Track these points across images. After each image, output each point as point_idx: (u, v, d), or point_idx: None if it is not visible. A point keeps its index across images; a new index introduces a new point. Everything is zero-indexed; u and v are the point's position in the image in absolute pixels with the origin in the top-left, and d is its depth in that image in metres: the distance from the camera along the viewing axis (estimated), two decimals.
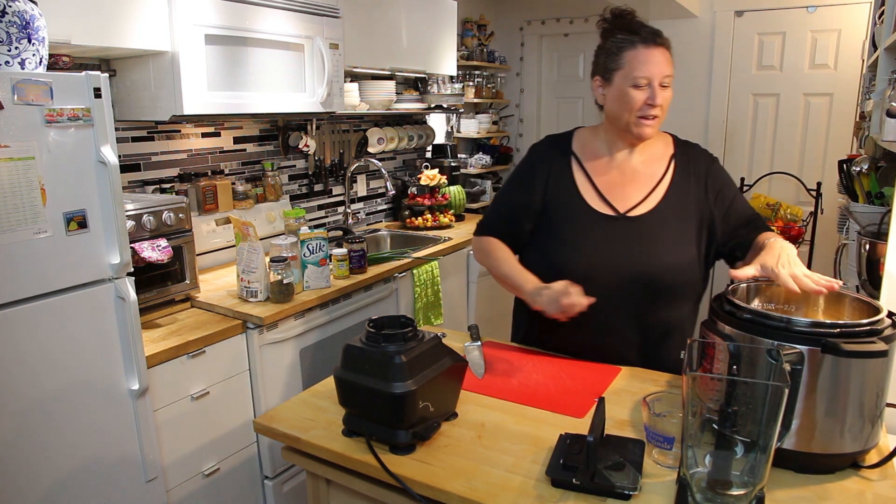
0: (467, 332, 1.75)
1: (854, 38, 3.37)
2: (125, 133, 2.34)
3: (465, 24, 4.16)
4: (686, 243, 1.53)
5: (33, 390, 1.51)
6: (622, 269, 1.51)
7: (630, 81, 1.47)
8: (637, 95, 1.47)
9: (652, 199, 1.55)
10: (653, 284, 1.50)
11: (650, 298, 1.52)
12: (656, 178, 1.57)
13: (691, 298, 1.59)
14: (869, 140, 2.42)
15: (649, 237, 1.52)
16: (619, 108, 1.51)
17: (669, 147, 1.62)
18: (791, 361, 1.01)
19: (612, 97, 1.52)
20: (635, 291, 1.51)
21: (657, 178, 1.57)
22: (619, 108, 1.51)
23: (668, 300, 1.53)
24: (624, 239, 1.53)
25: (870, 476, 1.07)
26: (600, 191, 1.58)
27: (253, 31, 2.25)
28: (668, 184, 1.56)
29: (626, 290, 1.51)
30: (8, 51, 1.45)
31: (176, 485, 1.92)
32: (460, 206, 3.69)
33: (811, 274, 1.19)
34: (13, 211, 1.42)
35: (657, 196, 1.55)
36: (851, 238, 2.12)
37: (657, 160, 1.59)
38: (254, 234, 2.11)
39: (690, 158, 1.60)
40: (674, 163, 1.58)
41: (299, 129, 3.01)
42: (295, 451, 1.28)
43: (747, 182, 3.69)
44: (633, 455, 1.09)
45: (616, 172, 1.59)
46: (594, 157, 1.61)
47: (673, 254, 1.51)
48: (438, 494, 1.07)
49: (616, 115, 1.53)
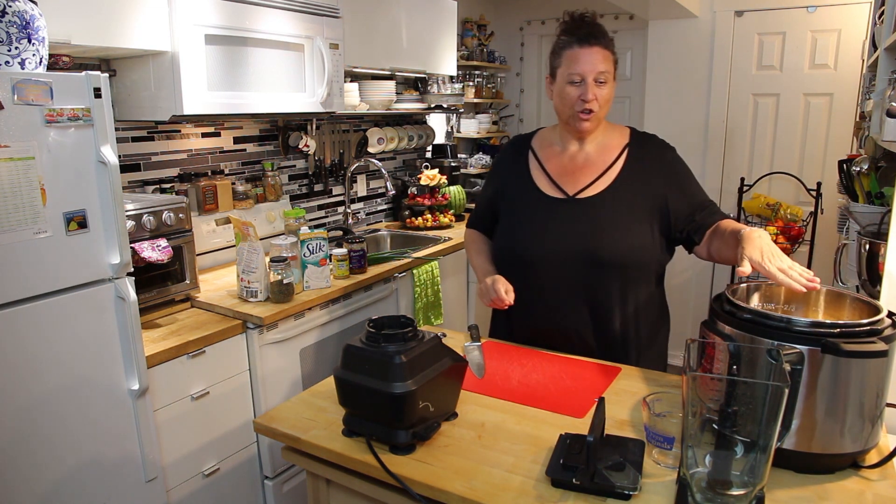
0: (467, 332, 1.75)
1: (854, 38, 3.37)
2: (125, 133, 2.34)
3: (465, 24, 4.16)
4: (635, 224, 1.58)
5: (33, 390, 1.51)
6: (570, 247, 1.58)
7: (566, 79, 1.57)
8: (572, 92, 1.57)
9: (601, 182, 1.62)
10: (599, 262, 1.56)
11: (598, 277, 1.58)
12: (607, 165, 1.64)
13: (646, 280, 1.64)
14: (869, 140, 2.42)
15: (596, 217, 1.59)
16: (560, 104, 1.62)
17: (625, 138, 1.68)
18: (791, 361, 1.01)
19: (555, 94, 1.63)
20: (583, 270, 1.57)
21: (608, 164, 1.64)
22: (560, 104, 1.62)
23: (617, 279, 1.58)
24: (572, 219, 1.61)
25: (870, 476, 1.07)
26: (552, 177, 1.67)
27: (253, 31, 2.25)
28: (619, 169, 1.63)
29: (575, 269, 1.58)
30: (8, 51, 1.45)
31: (176, 485, 1.92)
32: (460, 206, 3.69)
33: (795, 265, 1.22)
34: (13, 211, 1.42)
35: (607, 180, 1.62)
36: (851, 238, 2.12)
37: (610, 149, 1.66)
38: (254, 234, 2.11)
39: (644, 147, 1.67)
40: (627, 151, 1.65)
41: (299, 129, 3.01)
42: (295, 451, 1.28)
43: (747, 182, 3.69)
44: (633, 455, 1.09)
45: (568, 161, 1.68)
46: (549, 149, 1.72)
47: (620, 233, 1.57)
48: (438, 494, 1.07)
49: (559, 110, 1.64)
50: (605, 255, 1.55)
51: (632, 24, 4.12)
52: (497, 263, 1.73)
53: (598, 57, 1.55)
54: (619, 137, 1.68)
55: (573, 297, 1.60)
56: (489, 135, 4.32)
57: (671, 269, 1.74)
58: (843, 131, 3.48)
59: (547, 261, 1.60)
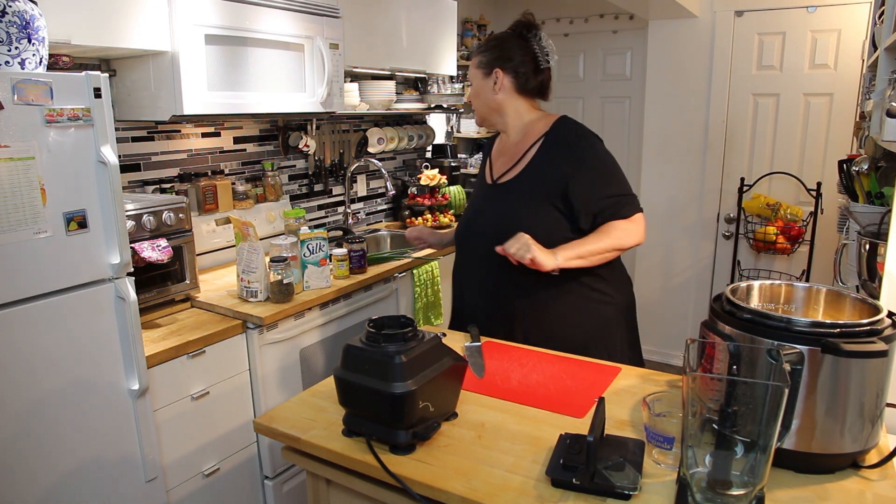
0: (467, 332, 1.75)
1: (854, 38, 3.37)
2: (125, 133, 2.34)
3: (465, 24, 4.16)
4: (538, 206, 1.74)
5: (33, 390, 1.51)
6: (485, 227, 1.80)
7: None
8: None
9: (516, 168, 1.81)
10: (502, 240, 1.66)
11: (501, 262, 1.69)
12: (523, 152, 1.81)
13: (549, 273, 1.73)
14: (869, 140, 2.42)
15: (508, 200, 1.79)
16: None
17: (546, 128, 1.81)
18: (791, 361, 1.01)
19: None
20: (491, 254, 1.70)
21: (524, 151, 1.81)
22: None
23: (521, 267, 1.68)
24: (492, 203, 1.84)
25: (870, 476, 1.07)
26: (491, 160, 1.93)
27: (253, 31, 2.25)
28: (531, 156, 1.79)
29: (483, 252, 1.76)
30: (8, 51, 1.45)
31: (176, 485, 1.92)
32: (460, 207, 3.68)
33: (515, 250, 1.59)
34: (13, 211, 1.42)
35: (521, 166, 1.80)
36: (851, 238, 2.12)
37: (530, 138, 1.82)
38: (254, 234, 2.11)
39: (559, 135, 1.79)
40: (543, 139, 1.79)
41: (299, 129, 3.01)
42: (295, 451, 1.28)
43: (747, 182, 3.69)
44: (633, 455, 1.09)
45: (500, 149, 1.92)
46: (498, 140, 1.96)
47: (526, 214, 1.74)
48: (438, 494, 1.07)
49: None
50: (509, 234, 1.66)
51: (632, 24, 4.12)
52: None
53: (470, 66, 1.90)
54: (543, 127, 1.81)
55: (493, 276, 1.80)
56: (489, 135, 4.32)
57: (671, 268, 1.75)
58: (843, 131, 3.48)
59: (475, 240, 1.85)
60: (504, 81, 1.81)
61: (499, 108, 1.85)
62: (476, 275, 1.86)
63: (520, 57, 1.80)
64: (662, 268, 4.07)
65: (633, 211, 1.71)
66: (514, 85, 1.82)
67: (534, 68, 1.81)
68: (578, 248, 1.66)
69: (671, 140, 3.92)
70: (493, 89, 1.82)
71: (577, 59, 4.42)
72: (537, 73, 1.82)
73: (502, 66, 1.80)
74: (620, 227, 1.69)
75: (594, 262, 1.70)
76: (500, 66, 1.80)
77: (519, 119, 1.85)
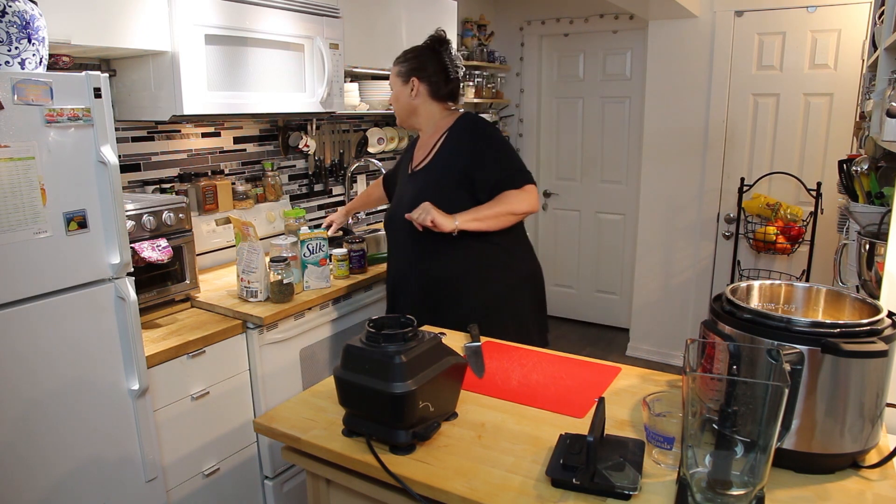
0: (467, 332, 1.75)
1: (854, 38, 3.37)
2: (125, 133, 2.34)
3: (465, 24, 4.16)
4: (445, 185, 2.02)
5: (33, 390, 1.51)
6: (405, 209, 2.00)
7: None
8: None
9: (427, 158, 2.11)
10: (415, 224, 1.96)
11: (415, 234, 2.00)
12: (433, 145, 2.11)
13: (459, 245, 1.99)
14: (869, 140, 2.42)
15: (420, 183, 2.08)
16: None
17: (450, 123, 2.11)
18: (791, 361, 1.01)
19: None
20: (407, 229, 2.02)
21: (433, 144, 2.11)
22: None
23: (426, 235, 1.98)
24: (409, 188, 2.12)
25: (870, 476, 1.07)
26: (412, 160, 2.19)
27: (253, 31, 2.25)
28: (438, 146, 2.09)
29: (404, 230, 2.05)
30: (8, 51, 1.45)
31: (176, 485, 1.92)
32: None
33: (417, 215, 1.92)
34: (13, 211, 1.42)
35: (430, 156, 2.10)
36: (851, 238, 2.12)
37: (438, 133, 2.12)
38: (254, 234, 2.11)
39: (459, 129, 2.08)
40: (447, 132, 2.09)
41: (299, 129, 3.01)
42: (295, 451, 1.28)
43: (747, 182, 3.69)
44: (633, 455, 1.09)
45: (418, 147, 2.20)
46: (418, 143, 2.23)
47: (434, 191, 2.01)
48: (438, 494, 1.07)
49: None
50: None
51: (632, 24, 4.12)
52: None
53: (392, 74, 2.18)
54: (448, 122, 2.11)
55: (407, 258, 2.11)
56: None
57: (671, 268, 1.75)
58: (843, 131, 3.48)
59: (394, 225, 2.15)
60: (420, 88, 2.11)
61: (415, 110, 2.15)
62: (401, 253, 2.15)
63: (433, 67, 2.09)
64: (662, 268, 4.06)
65: (524, 182, 1.99)
66: (428, 91, 2.11)
67: (444, 78, 2.11)
68: (475, 212, 1.96)
69: (671, 140, 3.92)
70: (411, 94, 2.12)
71: (577, 59, 4.42)
72: (448, 82, 2.12)
73: (418, 75, 2.10)
74: (512, 195, 1.97)
75: (491, 226, 1.98)
76: (417, 75, 2.10)
77: (431, 119, 2.15)
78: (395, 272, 2.20)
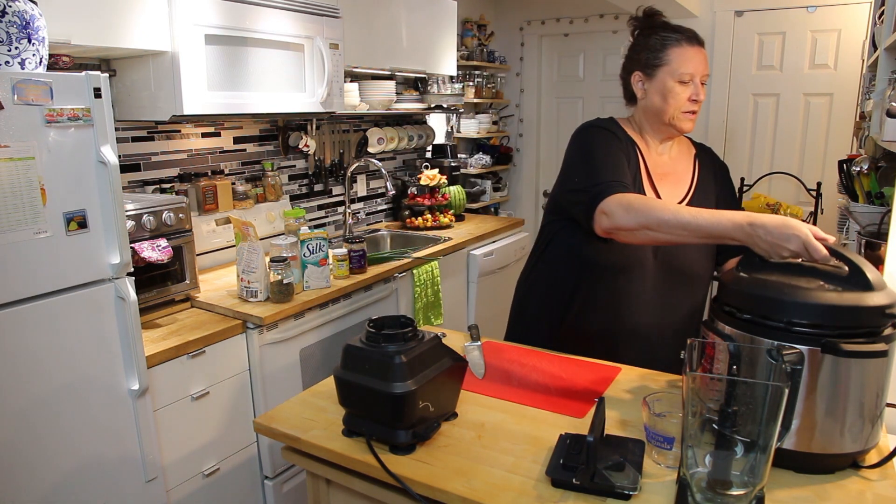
0: (467, 332, 1.75)
1: (854, 38, 3.37)
2: (125, 133, 2.34)
3: (465, 24, 4.16)
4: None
5: (33, 390, 1.51)
6: (658, 255, 1.57)
7: (676, 77, 1.54)
8: (682, 91, 1.54)
9: (686, 190, 1.63)
10: (679, 269, 1.58)
11: (681, 286, 1.60)
12: (689, 174, 1.65)
13: (703, 291, 1.66)
14: (869, 140, 2.42)
15: None
16: (663, 103, 1.57)
17: (689, 146, 1.71)
18: (791, 361, 1.01)
19: (654, 92, 1.59)
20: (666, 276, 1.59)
21: (689, 173, 1.66)
22: (663, 103, 1.57)
23: (689, 287, 1.62)
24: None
25: (870, 476, 1.07)
26: (652, 178, 1.61)
27: (253, 31, 2.25)
28: (696, 181, 1.65)
29: (660, 278, 1.59)
30: (8, 51, 1.45)
31: (176, 485, 1.92)
32: (460, 207, 3.69)
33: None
34: (13, 211, 1.42)
35: (689, 187, 1.63)
36: (851, 238, 2.12)
37: (684, 157, 1.68)
38: (254, 234, 2.11)
39: (709, 158, 1.71)
40: (698, 161, 1.68)
41: (299, 129, 3.01)
42: (295, 451, 1.28)
43: (747, 182, 3.68)
44: (633, 455, 1.09)
45: (660, 163, 1.64)
46: (645, 148, 1.65)
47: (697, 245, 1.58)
48: (438, 494, 1.07)
49: (659, 109, 1.58)
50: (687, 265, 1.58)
51: None
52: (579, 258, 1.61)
53: (703, 57, 1.56)
54: (686, 146, 1.71)
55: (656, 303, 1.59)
56: (489, 135, 4.32)
57: None
58: (843, 131, 3.48)
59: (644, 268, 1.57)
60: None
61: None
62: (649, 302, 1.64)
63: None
64: None
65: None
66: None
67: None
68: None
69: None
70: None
71: (577, 59, 4.41)
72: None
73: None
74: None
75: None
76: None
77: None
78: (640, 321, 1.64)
